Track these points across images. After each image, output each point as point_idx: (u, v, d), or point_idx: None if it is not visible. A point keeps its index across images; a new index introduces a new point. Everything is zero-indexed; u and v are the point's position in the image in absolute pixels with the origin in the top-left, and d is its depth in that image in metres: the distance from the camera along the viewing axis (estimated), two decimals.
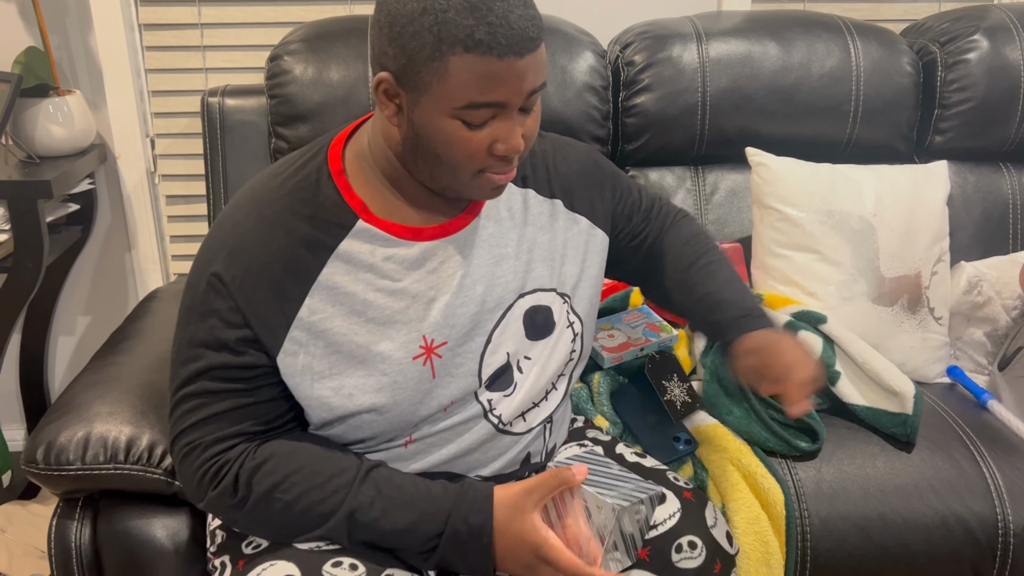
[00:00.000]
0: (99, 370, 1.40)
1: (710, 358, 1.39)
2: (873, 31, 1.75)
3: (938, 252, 1.58)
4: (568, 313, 1.07)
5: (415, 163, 0.95)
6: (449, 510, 0.93)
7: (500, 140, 0.90)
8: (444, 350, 0.98)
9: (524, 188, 1.07)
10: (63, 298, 2.05)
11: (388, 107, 0.92)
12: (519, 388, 1.03)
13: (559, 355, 1.07)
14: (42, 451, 1.21)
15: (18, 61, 1.73)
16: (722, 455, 1.28)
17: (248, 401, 0.95)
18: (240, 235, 0.95)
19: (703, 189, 1.75)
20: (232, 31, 1.90)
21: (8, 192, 1.61)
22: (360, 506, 0.93)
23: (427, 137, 0.90)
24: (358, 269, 0.96)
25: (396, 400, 0.97)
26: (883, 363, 1.38)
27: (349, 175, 0.99)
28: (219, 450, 0.95)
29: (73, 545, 1.24)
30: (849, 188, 1.55)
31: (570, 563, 0.90)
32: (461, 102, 0.87)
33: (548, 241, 1.07)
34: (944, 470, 1.31)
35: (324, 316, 0.95)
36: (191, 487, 0.98)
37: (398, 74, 0.88)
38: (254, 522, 0.96)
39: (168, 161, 1.97)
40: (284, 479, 0.94)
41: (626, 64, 1.72)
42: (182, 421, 0.97)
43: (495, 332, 1.01)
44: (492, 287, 1.01)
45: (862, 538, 1.26)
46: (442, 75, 0.86)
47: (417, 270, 0.98)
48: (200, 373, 0.95)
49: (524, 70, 0.86)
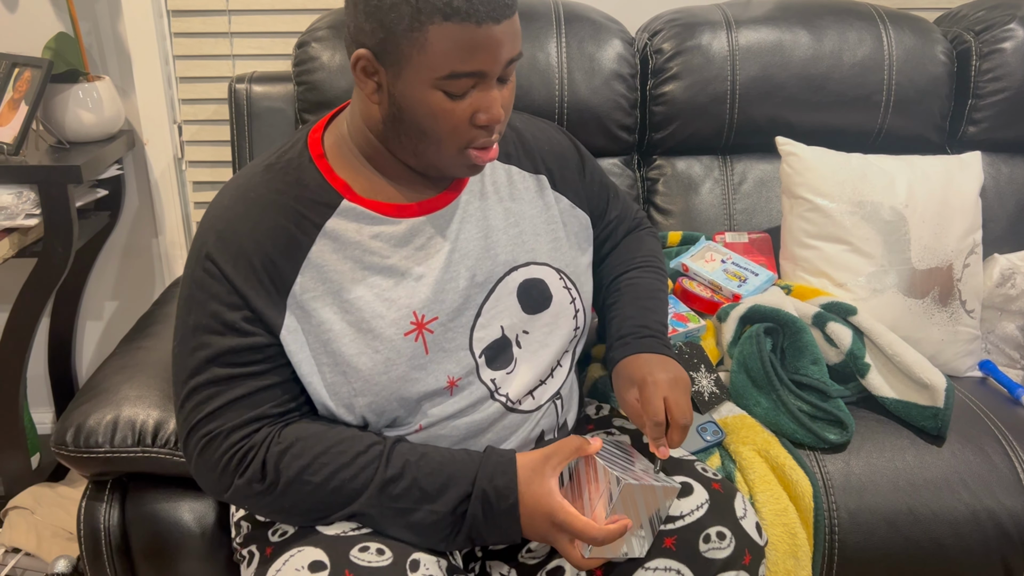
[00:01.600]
0: (127, 354, 1.41)
1: (738, 348, 1.38)
2: (906, 19, 1.72)
3: (971, 244, 1.55)
4: (566, 286, 1.08)
5: (398, 140, 0.95)
6: (475, 472, 0.94)
7: (481, 110, 0.91)
8: (435, 325, 0.99)
9: (508, 164, 1.09)
10: (91, 283, 2.07)
11: (367, 85, 0.92)
12: (520, 364, 1.04)
13: (562, 330, 1.07)
14: (72, 433, 1.22)
15: (48, 47, 1.74)
16: (750, 447, 1.27)
17: (263, 384, 0.95)
18: (229, 219, 0.96)
19: (731, 178, 1.74)
20: (259, 18, 1.90)
21: (39, 177, 1.63)
22: (390, 478, 0.94)
23: (410, 111, 0.91)
24: (346, 247, 0.97)
25: (391, 377, 0.97)
26: (914, 356, 1.36)
27: (330, 159, 1.00)
28: (242, 435, 0.95)
29: (102, 526, 1.25)
30: (880, 178, 1.53)
31: (584, 527, 0.91)
32: (443, 71, 0.87)
33: (537, 215, 1.08)
34: (975, 464, 1.29)
35: (316, 294, 0.96)
36: (214, 477, 0.96)
37: (376, 50, 0.89)
38: (284, 506, 0.95)
39: (195, 147, 1.98)
40: (313, 460, 0.94)
41: (655, 52, 1.70)
42: (196, 412, 0.95)
43: (485, 306, 1.02)
44: (481, 261, 1.02)
45: (891, 531, 1.25)
46: (422, 45, 0.86)
47: (404, 247, 0.99)
48: (208, 360, 0.94)
49: (502, 37, 0.88)
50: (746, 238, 1.65)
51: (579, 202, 1.15)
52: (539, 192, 1.10)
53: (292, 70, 1.68)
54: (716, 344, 1.44)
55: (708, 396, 1.33)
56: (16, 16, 1.85)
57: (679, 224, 1.71)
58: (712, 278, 1.51)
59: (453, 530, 0.95)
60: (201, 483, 0.99)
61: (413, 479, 0.94)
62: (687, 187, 1.73)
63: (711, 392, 1.33)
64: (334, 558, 0.91)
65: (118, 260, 2.06)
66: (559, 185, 1.13)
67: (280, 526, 1.00)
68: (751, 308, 1.42)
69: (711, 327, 1.47)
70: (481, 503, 0.93)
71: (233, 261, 0.94)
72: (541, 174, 1.11)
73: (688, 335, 1.41)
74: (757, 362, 1.34)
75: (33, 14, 1.85)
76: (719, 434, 1.29)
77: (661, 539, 0.99)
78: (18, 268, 1.96)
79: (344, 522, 0.96)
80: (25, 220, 1.63)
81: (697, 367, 1.35)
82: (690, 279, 1.53)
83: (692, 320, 1.43)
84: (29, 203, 1.63)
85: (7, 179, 1.62)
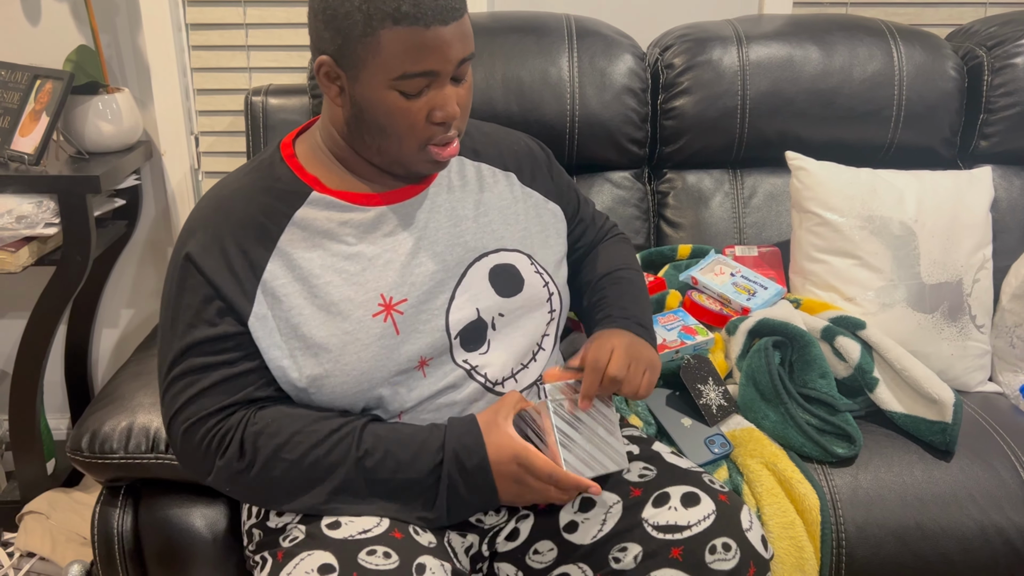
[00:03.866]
0: (142, 362, 1.43)
1: (747, 362, 1.38)
2: (917, 35, 1.73)
3: (980, 259, 1.55)
4: (537, 271, 1.12)
5: (361, 140, 1.02)
6: (442, 437, 1.01)
7: (437, 107, 0.97)
8: (405, 307, 1.03)
9: (477, 161, 1.14)
10: (107, 291, 2.10)
11: (331, 89, 0.99)
12: (494, 345, 1.08)
13: (536, 314, 1.11)
14: (87, 439, 1.24)
15: (70, 59, 1.78)
16: (757, 460, 1.27)
17: (236, 371, 1.00)
18: (203, 217, 1.04)
19: (741, 192, 1.75)
20: (276, 31, 1.93)
21: (59, 186, 1.65)
22: (365, 452, 0.99)
23: (370, 111, 0.97)
24: (315, 235, 1.03)
25: (361, 357, 1.01)
26: (922, 370, 1.37)
27: (301, 159, 1.07)
28: (219, 419, 1.00)
29: (115, 531, 1.27)
30: (890, 193, 1.54)
31: (544, 465, 0.98)
32: (396, 72, 0.93)
33: (507, 206, 1.14)
34: (984, 480, 1.29)
35: (285, 281, 1.01)
36: (197, 460, 1.01)
37: (336, 55, 0.96)
38: (264, 484, 1.00)
39: (212, 158, 2.01)
40: (289, 439, 0.99)
41: (665, 67, 1.72)
42: (176, 400, 1.01)
43: (458, 289, 1.07)
44: (450, 247, 1.07)
45: (899, 546, 1.25)
46: (375, 49, 0.93)
47: (372, 233, 1.04)
48: (184, 351, 1.00)
49: (451, 38, 0.93)
50: (755, 252, 1.65)
51: (550, 196, 1.20)
52: (508, 187, 1.16)
53: (308, 83, 1.70)
54: (725, 357, 1.45)
55: (716, 409, 1.33)
56: (38, 29, 1.88)
57: (689, 237, 1.72)
58: (721, 291, 1.51)
59: (431, 495, 1.00)
60: (186, 468, 1.05)
61: (386, 451, 0.99)
62: (697, 200, 1.74)
63: (719, 405, 1.34)
64: (343, 561, 0.93)
65: (134, 269, 2.09)
66: (528, 181, 1.18)
67: (290, 532, 1.02)
68: (760, 321, 1.42)
69: (720, 340, 1.47)
70: (454, 462, 0.99)
71: (207, 252, 1.00)
72: (510, 171, 1.17)
73: (696, 348, 1.42)
74: (765, 375, 1.35)
75: (55, 27, 1.88)
76: (727, 446, 1.29)
77: (668, 549, 1.00)
78: (37, 276, 1.99)
79: (350, 525, 0.98)
80: (45, 229, 1.65)
81: (705, 380, 1.36)
82: (699, 292, 1.54)
83: (701, 333, 1.43)
84: (49, 212, 1.65)
85: (28, 188, 1.65)
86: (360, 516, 1.00)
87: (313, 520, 1.01)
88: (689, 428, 1.32)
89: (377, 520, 1.00)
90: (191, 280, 1.01)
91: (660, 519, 1.02)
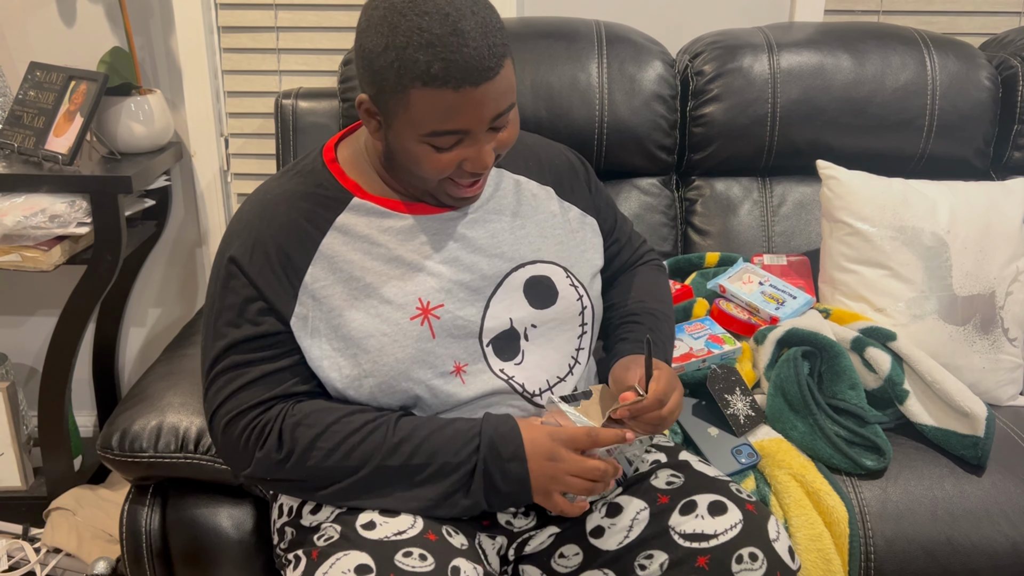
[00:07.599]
0: (171, 362, 1.44)
1: (775, 372, 1.37)
2: (950, 44, 1.71)
3: (1014, 271, 1.53)
4: (572, 284, 1.13)
5: (395, 172, 1.06)
6: (479, 425, 1.02)
7: (468, 160, 0.98)
8: (442, 312, 1.05)
9: (517, 175, 1.15)
10: (136, 290, 2.12)
11: (370, 123, 1.02)
12: (528, 356, 1.09)
13: (568, 326, 1.12)
14: (117, 438, 1.25)
15: (104, 61, 1.80)
16: (785, 471, 1.26)
17: (276, 367, 1.03)
18: (247, 220, 1.06)
19: (770, 201, 1.74)
20: (306, 35, 1.94)
21: (91, 186, 1.67)
22: (400, 440, 1.01)
23: (401, 155, 1.00)
24: (356, 240, 1.05)
25: (398, 358, 1.03)
26: (954, 383, 1.35)
27: (342, 164, 1.09)
28: (259, 412, 1.02)
29: (143, 530, 1.28)
30: (922, 203, 1.52)
31: (578, 431, 1.01)
32: (425, 130, 0.95)
33: (545, 219, 1.15)
34: (1016, 495, 1.27)
35: (326, 283, 1.04)
36: (237, 452, 1.03)
37: (373, 99, 0.98)
38: (302, 474, 1.01)
39: (241, 160, 2.03)
40: (325, 428, 1.01)
41: (695, 74, 1.71)
42: (219, 395, 1.03)
43: (493, 299, 1.08)
44: (489, 257, 1.09)
45: (928, 561, 1.23)
46: (406, 106, 0.94)
47: (412, 240, 1.06)
48: (227, 349, 1.03)
49: (482, 98, 0.93)
50: (784, 260, 1.64)
51: (588, 210, 1.21)
52: (547, 199, 1.16)
53: (338, 87, 1.71)
54: (752, 367, 1.44)
55: (744, 419, 1.32)
56: (73, 31, 1.91)
57: (717, 245, 1.71)
58: (750, 300, 1.50)
59: (464, 484, 1.01)
60: (227, 462, 1.07)
61: (423, 438, 1.01)
62: (726, 208, 1.73)
63: (747, 415, 1.33)
64: (379, 562, 0.94)
65: (163, 269, 2.11)
66: (567, 194, 1.19)
67: (325, 531, 1.02)
68: (789, 331, 1.41)
69: (747, 349, 1.46)
70: (490, 448, 1.01)
71: (250, 255, 1.03)
72: (549, 185, 1.18)
73: (724, 357, 1.41)
74: (794, 386, 1.34)
75: (89, 29, 1.91)
76: (754, 457, 1.28)
77: (694, 558, 0.99)
78: (67, 275, 2.01)
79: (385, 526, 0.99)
80: (76, 228, 1.67)
81: (732, 389, 1.35)
82: (727, 300, 1.53)
83: (728, 342, 1.43)
84: (81, 212, 1.67)
85: (61, 188, 1.67)
86: (396, 508, 1.01)
87: (348, 520, 1.01)
88: (716, 438, 1.31)
89: (412, 522, 1.00)
90: (234, 281, 1.03)
91: (687, 527, 1.01)
